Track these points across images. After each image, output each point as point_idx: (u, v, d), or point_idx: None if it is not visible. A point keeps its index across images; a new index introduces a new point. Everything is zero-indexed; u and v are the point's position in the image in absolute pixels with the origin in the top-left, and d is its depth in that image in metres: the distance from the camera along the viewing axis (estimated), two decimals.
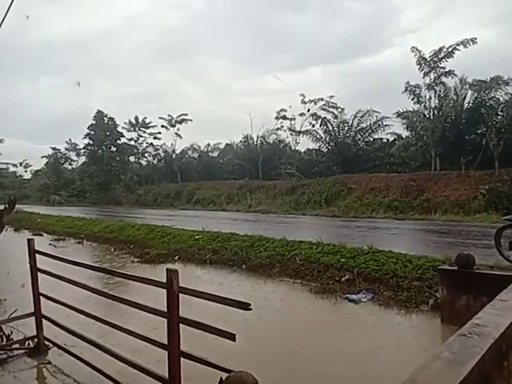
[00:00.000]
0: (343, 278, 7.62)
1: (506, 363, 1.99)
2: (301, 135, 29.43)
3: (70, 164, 52.25)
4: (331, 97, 27.63)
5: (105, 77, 75.90)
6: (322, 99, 27.67)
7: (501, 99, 20.57)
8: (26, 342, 5.11)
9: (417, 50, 20.97)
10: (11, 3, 4.30)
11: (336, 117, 27.95)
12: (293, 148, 31.81)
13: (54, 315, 5.00)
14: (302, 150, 33.48)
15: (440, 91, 21.23)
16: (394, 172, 23.98)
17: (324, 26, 59.78)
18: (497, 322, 2.14)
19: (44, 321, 5.01)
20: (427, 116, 21.82)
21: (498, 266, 6.60)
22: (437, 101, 21.45)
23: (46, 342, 5.01)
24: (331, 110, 27.77)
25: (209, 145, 43.46)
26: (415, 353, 4.66)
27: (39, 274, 4.99)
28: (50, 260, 4.91)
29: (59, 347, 4.81)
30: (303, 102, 27.97)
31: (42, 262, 5.03)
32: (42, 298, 5.01)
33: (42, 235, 17.96)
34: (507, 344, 1.99)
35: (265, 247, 9.92)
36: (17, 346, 5.05)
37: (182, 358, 3.16)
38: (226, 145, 43.14)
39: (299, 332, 5.63)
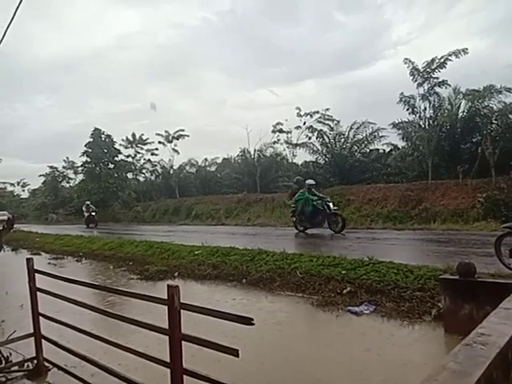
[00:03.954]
0: (345, 291, 7.56)
1: None
2: (297, 148, 29.59)
3: (68, 182, 52.02)
4: (327, 109, 27.91)
5: (100, 95, 76.26)
6: (317, 112, 27.94)
7: (494, 108, 20.73)
8: (26, 364, 5.02)
9: (409, 61, 21.29)
10: (9, 23, 4.36)
11: (332, 129, 28.12)
12: (290, 161, 31.94)
13: (53, 335, 4.94)
14: (299, 163, 33.52)
15: (434, 101, 21.42)
16: (391, 182, 24.00)
17: (316, 40, 60.46)
18: (501, 330, 2.13)
19: (44, 341, 4.94)
20: (422, 126, 21.97)
21: (499, 274, 6.57)
22: (431, 111, 21.63)
23: (46, 364, 4.93)
24: (327, 122, 27.95)
25: (206, 159, 43.48)
26: (420, 365, 4.60)
27: (38, 293, 4.95)
28: (49, 279, 4.87)
29: (59, 368, 4.74)
30: (299, 115, 28.23)
31: (40, 281, 4.99)
32: (41, 318, 4.95)
33: (40, 254, 17.81)
34: None
35: (265, 261, 9.85)
36: (16, 368, 4.96)
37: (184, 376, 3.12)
38: (224, 159, 43.14)
39: (302, 346, 5.56)
